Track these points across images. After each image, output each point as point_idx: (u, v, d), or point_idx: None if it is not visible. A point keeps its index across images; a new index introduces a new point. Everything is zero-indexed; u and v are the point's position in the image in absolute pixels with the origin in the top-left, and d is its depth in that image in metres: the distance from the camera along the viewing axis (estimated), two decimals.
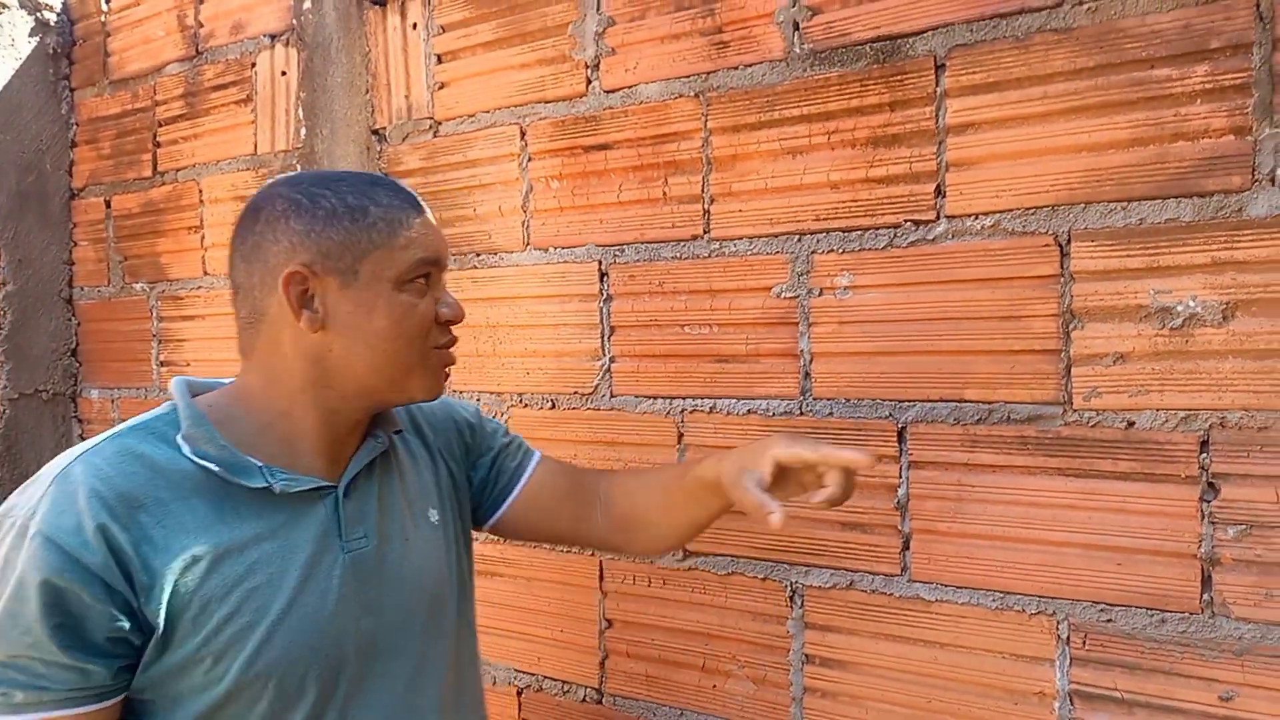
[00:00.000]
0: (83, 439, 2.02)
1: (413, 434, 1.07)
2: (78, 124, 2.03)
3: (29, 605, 0.77)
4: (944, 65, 1.07)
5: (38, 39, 1.98)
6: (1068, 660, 1.03)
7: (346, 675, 0.90)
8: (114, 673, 0.81)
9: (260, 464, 0.87)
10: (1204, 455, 0.95)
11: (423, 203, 0.93)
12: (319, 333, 0.88)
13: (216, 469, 0.86)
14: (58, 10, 2.01)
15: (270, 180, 0.91)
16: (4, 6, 1.93)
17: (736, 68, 1.20)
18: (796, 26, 1.16)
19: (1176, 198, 0.95)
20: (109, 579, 0.79)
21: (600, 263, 1.33)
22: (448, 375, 0.97)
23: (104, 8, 1.96)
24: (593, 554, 1.36)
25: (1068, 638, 1.03)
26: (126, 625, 0.80)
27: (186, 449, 0.86)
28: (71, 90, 2.04)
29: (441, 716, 0.98)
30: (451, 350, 0.96)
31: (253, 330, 0.90)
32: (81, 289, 2.04)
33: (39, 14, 1.98)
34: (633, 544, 1.13)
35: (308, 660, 0.87)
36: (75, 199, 2.04)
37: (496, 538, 1.29)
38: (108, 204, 1.98)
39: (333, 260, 0.87)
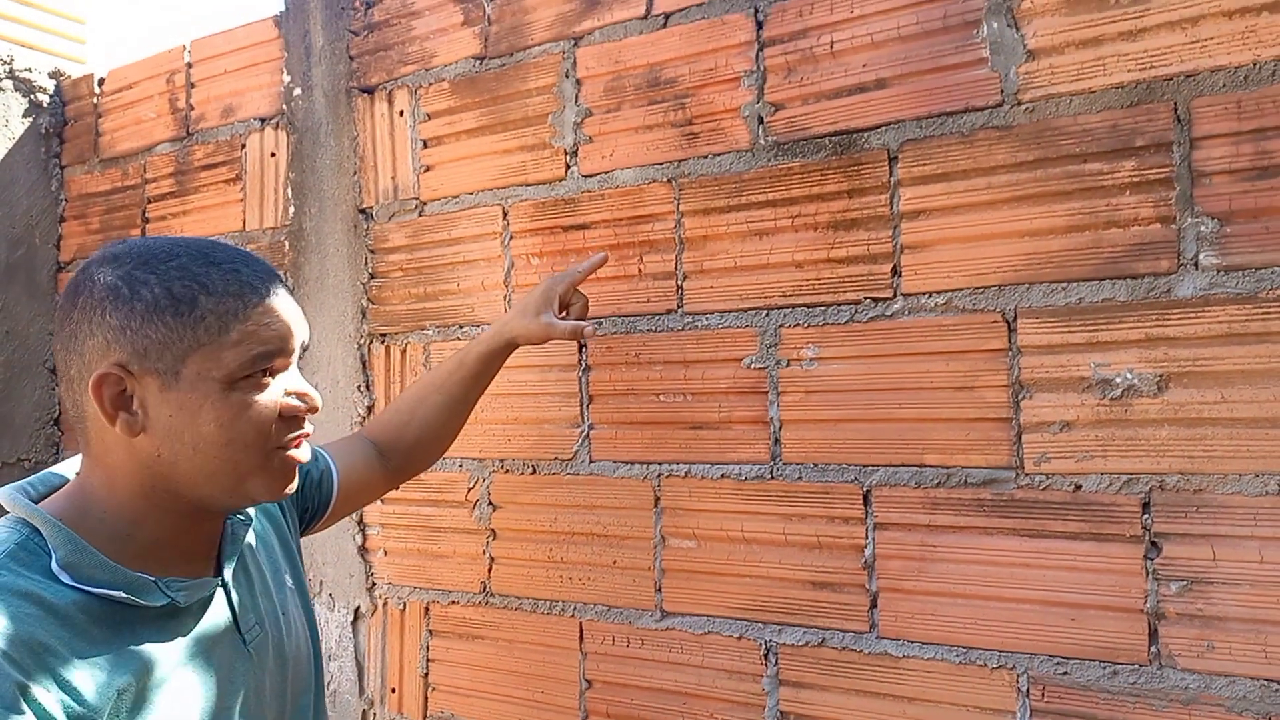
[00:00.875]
0: None
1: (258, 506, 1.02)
2: (67, 200, 2.05)
3: None
4: (897, 157, 1.13)
5: (31, 119, 2.01)
6: (1028, 712, 1.06)
7: None
8: None
9: (153, 578, 0.80)
10: (1146, 516, 1.00)
11: (267, 283, 0.81)
12: (141, 436, 0.78)
13: (118, 595, 0.77)
14: (51, 92, 2.04)
15: (101, 249, 0.80)
16: None
17: (706, 156, 1.26)
18: (761, 120, 1.22)
19: (1111, 279, 1.02)
20: None
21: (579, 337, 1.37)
22: (295, 470, 0.86)
23: (96, 91, 1.99)
24: (573, 614, 1.37)
25: (1027, 690, 1.06)
26: None
27: (67, 579, 0.76)
28: (62, 168, 2.05)
29: None
30: (298, 449, 0.84)
31: (81, 426, 0.80)
32: None
33: (33, 95, 2.01)
34: (425, 460, 1.25)
35: None
36: (62, 272, 2.04)
37: (471, 599, 1.30)
38: None
39: (151, 360, 0.76)
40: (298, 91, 1.67)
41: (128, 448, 0.79)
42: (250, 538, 0.96)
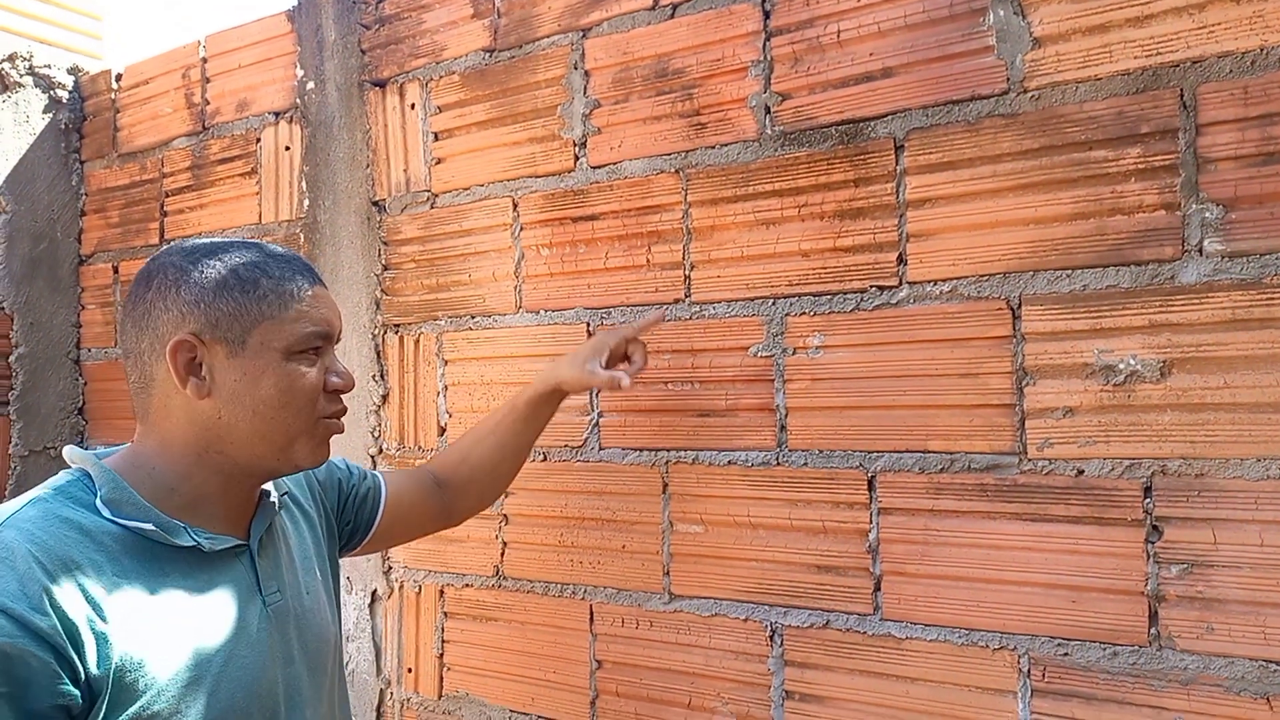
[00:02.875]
0: None
1: (296, 493, 1.06)
2: (87, 194, 2.03)
3: None
4: (903, 146, 1.11)
5: (50, 115, 1.99)
6: (1029, 692, 1.04)
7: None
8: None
9: (183, 524, 0.85)
10: (1148, 500, 0.99)
11: (316, 275, 0.92)
12: (206, 400, 0.86)
13: (149, 528, 0.83)
14: (69, 88, 2.02)
15: (165, 248, 0.91)
16: (19, 85, 1.94)
17: (714, 147, 1.24)
18: (768, 110, 1.20)
19: (1115, 266, 1.00)
20: (56, 643, 0.75)
21: (588, 324, 1.35)
22: (329, 443, 0.94)
23: (114, 86, 1.98)
24: (584, 598, 1.36)
25: (1028, 671, 1.05)
26: (72, 691, 0.76)
27: (107, 512, 0.82)
28: (81, 163, 2.04)
29: None
30: (339, 420, 0.94)
31: (145, 395, 0.88)
32: (89, 350, 2.02)
33: (52, 92, 1.99)
34: (479, 500, 1.26)
35: (251, 706, 0.86)
36: (83, 265, 2.03)
37: (485, 582, 1.30)
38: (115, 269, 1.97)
39: (221, 330, 0.85)
40: (311, 85, 1.65)
41: (190, 411, 0.86)
42: (286, 523, 1.01)
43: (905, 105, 1.11)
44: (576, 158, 1.36)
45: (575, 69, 1.36)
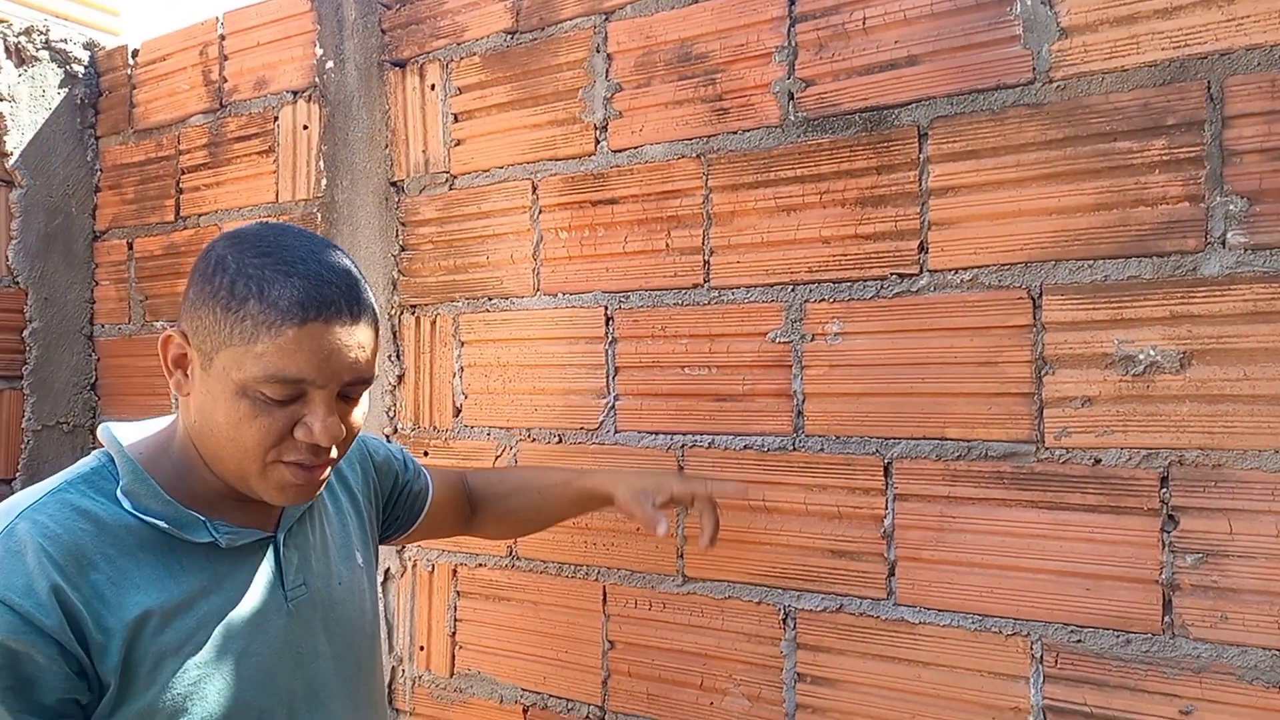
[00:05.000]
0: None
1: (345, 471, 1.05)
2: (102, 170, 2.03)
3: None
4: (927, 134, 1.11)
5: (66, 90, 1.99)
6: (1041, 678, 1.05)
7: (303, 715, 0.89)
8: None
9: (204, 518, 0.84)
10: (1164, 490, 0.99)
11: (323, 313, 0.77)
12: (186, 398, 0.83)
13: (163, 525, 0.81)
14: (85, 63, 2.02)
15: (250, 225, 0.84)
16: (35, 60, 1.93)
17: (736, 132, 1.24)
18: (791, 96, 1.20)
19: (1138, 257, 1.00)
20: (63, 640, 0.74)
21: (606, 308, 1.35)
22: (304, 487, 0.84)
23: (130, 62, 1.97)
24: (597, 579, 1.37)
25: (1041, 657, 1.05)
26: (79, 685, 0.76)
27: (128, 504, 0.81)
28: (97, 138, 2.04)
29: None
30: (300, 472, 0.82)
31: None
32: (102, 326, 2.03)
33: (68, 67, 1.99)
34: (499, 534, 1.30)
35: (260, 709, 0.85)
36: (98, 241, 2.03)
37: (498, 562, 1.30)
38: (130, 246, 1.97)
39: (198, 339, 0.80)
40: (330, 65, 1.65)
41: (183, 403, 0.85)
42: (326, 505, 0.99)
43: (930, 93, 1.11)
44: (597, 141, 1.36)
45: (597, 52, 1.36)
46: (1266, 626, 0.94)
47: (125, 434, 0.87)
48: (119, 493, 0.81)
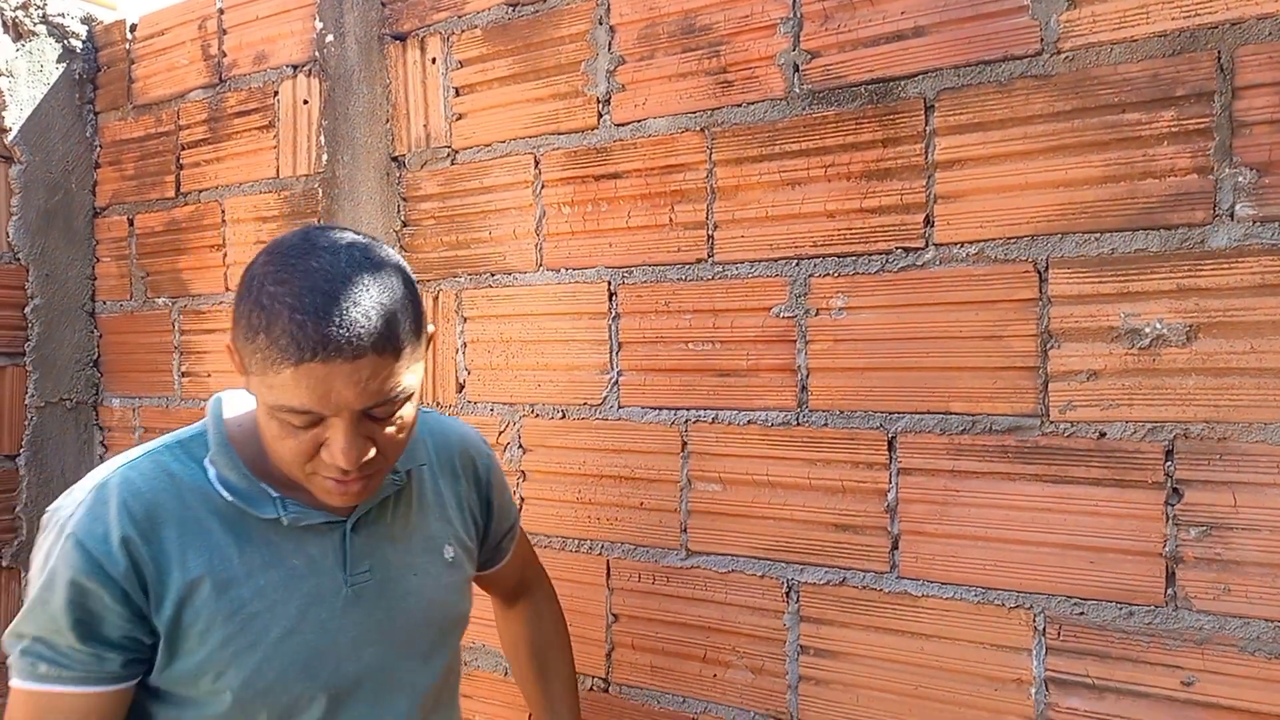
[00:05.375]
0: (104, 445, 2.01)
1: (442, 472, 1.04)
2: (101, 146, 2.02)
3: (57, 596, 0.82)
4: (933, 106, 1.10)
5: (64, 65, 1.97)
6: (1043, 650, 1.06)
7: (354, 700, 0.91)
8: (125, 663, 0.85)
9: (276, 494, 0.88)
10: (1169, 463, 0.99)
11: (329, 350, 0.77)
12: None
13: (231, 499, 0.87)
14: (83, 38, 2.00)
15: (300, 231, 0.85)
16: (33, 34, 1.92)
17: (740, 105, 1.24)
18: (796, 68, 1.19)
19: (1145, 230, 1.00)
20: (127, 587, 0.83)
21: (609, 283, 1.35)
22: (350, 494, 0.86)
23: (128, 37, 1.96)
24: (600, 553, 1.37)
25: (1044, 629, 1.06)
26: (140, 628, 0.84)
27: (212, 473, 0.88)
28: (95, 114, 2.03)
29: None
30: (342, 484, 0.84)
31: None
32: (104, 303, 2.03)
33: (66, 41, 1.98)
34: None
35: (305, 686, 0.88)
36: (98, 217, 2.03)
37: None
38: (130, 222, 1.97)
39: (239, 356, 0.83)
40: (330, 38, 1.63)
41: None
42: (423, 492, 1.00)
43: (936, 65, 1.10)
44: (600, 115, 1.35)
45: (600, 24, 1.35)
46: (1269, 598, 0.95)
47: (231, 406, 0.92)
48: (206, 461, 0.88)
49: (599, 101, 1.35)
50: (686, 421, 1.30)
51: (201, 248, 1.84)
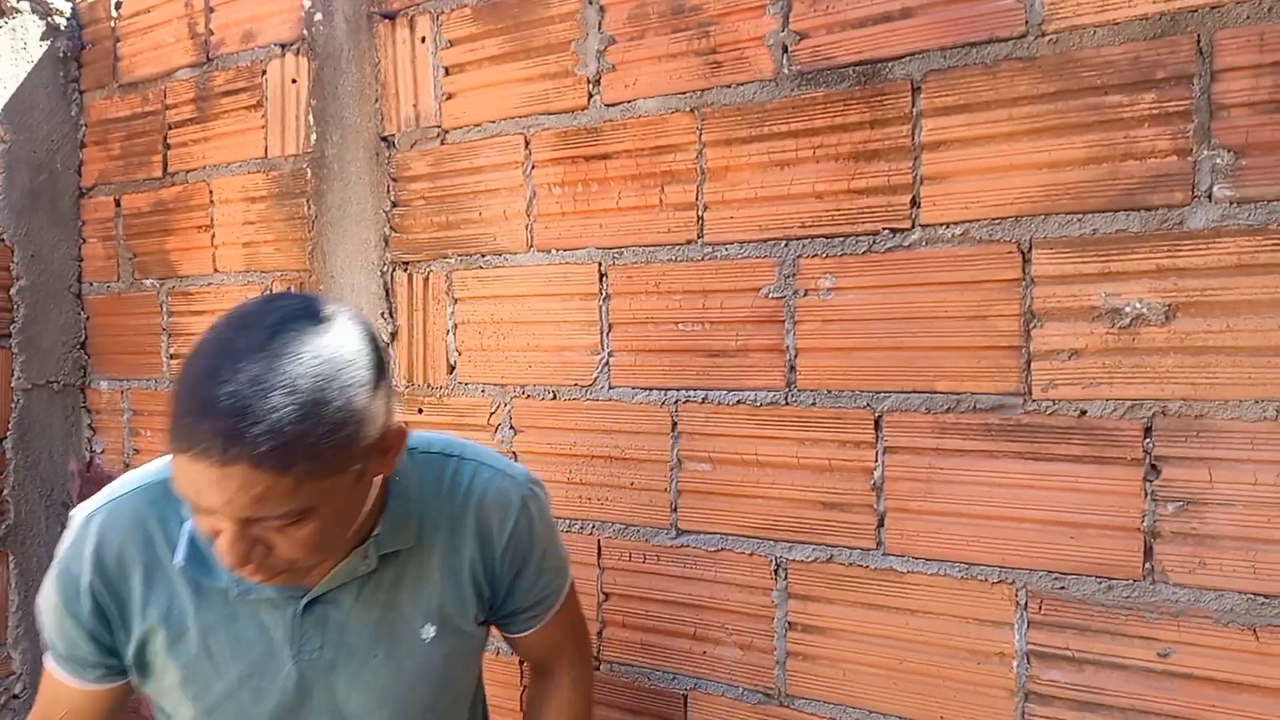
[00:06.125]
0: (91, 428, 2.02)
1: (445, 538, 0.97)
2: (87, 125, 2.03)
3: (48, 612, 0.95)
4: (920, 88, 1.13)
5: (48, 43, 1.98)
6: (1025, 624, 1.10)
7: None
8: (101, 676, 0.96)
9: None
10: (1147, 440, 1.03)
11: (201, 446, 0.71)
12: None
13: (181, 562, 0.90)
14: (67, 15, 2.01)
15: (237, 304, 0.82)
16: (16, 11, 1.92)
17: (729, 86, 1.26)
18: (785, 49, 1.22)
19: (1125, 211, 1.02)
20: (93, 626, 0.92)
21: (600, 264, 1.38)
22: (257, 579, 0.82)
23: (113, 14, 1.96)
24: (591, 532, 1.40)
25: (1025, 604, 1.10)
26: (109, 655, 0.95)
27: (189, 524, 0.91)
28: (81, 93, 2.03)
29: None
30: (243, 573, 0.80)
31: None
32: (90, 284, 2.04)
33: (49, 19, 1.98)
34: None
35: None
36: (84, 197, 2.04)
37: None
38: (117, 203, 1.98)
39: None
40: (319, 17, 1.65)
41: None
42: (397, 579, 0.94)
43: (923, 46, 1.12)
44: (590, 95, 1.37)
45: (590, 4, 1.36)
46: (1243, 571, 0.98)
47: None
48: (187, 515, 0.91)
49: (589, 82, 1.37)
50: (676, 402, 1.33)
51: (189, 228, 1.85)
